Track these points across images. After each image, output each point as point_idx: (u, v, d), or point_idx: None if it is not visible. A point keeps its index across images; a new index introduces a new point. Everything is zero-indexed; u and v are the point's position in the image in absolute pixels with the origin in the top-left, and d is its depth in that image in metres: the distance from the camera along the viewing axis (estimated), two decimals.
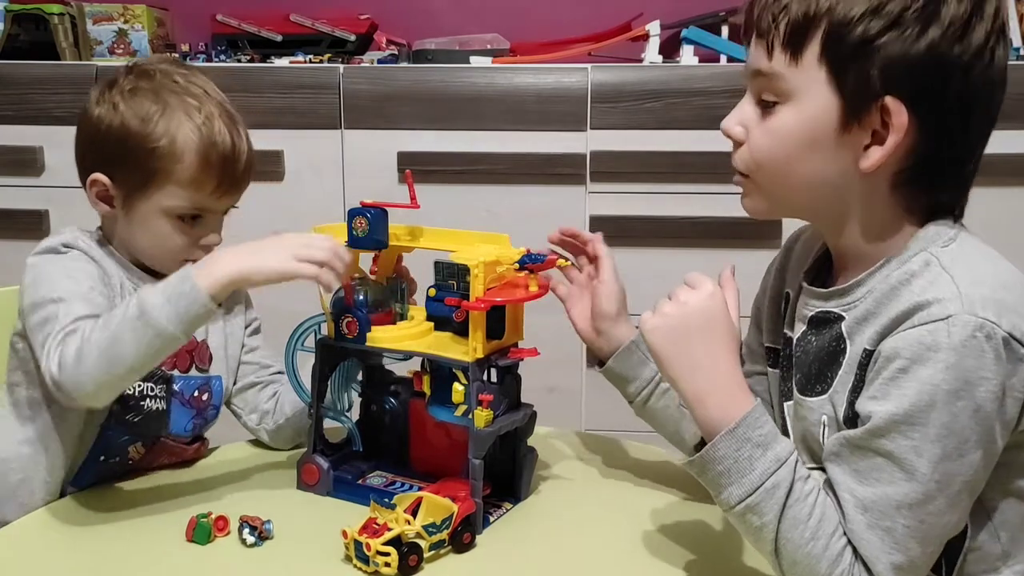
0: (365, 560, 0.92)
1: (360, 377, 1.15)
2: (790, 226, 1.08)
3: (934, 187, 0.88)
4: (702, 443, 0.87)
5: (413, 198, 1.09)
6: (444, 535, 0.95)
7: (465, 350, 1.02)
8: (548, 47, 2.33)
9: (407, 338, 1.08)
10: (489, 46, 2.27)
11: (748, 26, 0.91)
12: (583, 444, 1.26)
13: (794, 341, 0.97)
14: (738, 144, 0.92)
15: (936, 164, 0.86)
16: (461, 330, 1.07)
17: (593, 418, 2.12)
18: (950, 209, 0.90)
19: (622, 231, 2.08)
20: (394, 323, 1.11)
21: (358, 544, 0.92)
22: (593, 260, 1.15)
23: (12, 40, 2.29)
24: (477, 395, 1.01)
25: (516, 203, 2.10)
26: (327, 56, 2.29)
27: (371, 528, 0.94)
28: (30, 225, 2.15)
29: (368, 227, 1.07)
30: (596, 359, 1.16)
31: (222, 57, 2.33)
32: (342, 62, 2.20)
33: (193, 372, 1.18)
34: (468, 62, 2.19)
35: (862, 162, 0.86)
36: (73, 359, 0.97)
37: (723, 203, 1.96)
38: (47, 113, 2.13)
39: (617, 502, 1.10)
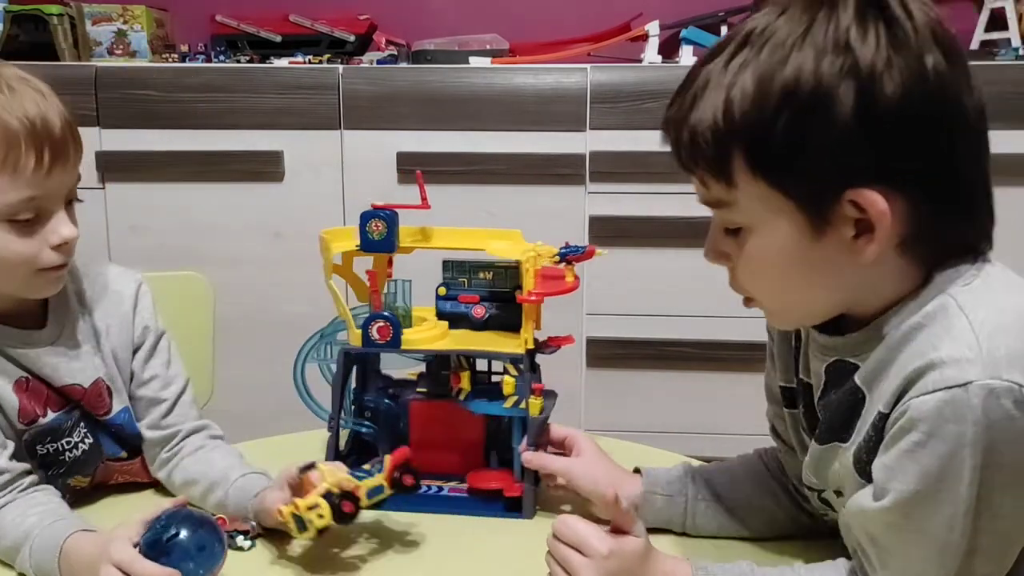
0: (303, 526, 0.90)
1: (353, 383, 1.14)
2: None
3: (952, 230, 0.78)
4: None
5: (424, 198, 1.09)
6: (380, 480, 0.95)
7: (516, 343, 1.05)
8: (547, 47, 2.33)
9: (436, 338, 1.08)
10: (488, 46, 2.27)
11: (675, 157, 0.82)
12: None
13: (815, 393, 0.88)
14: (730, 268, 0.84)
15: (943, 212, 0.76)
16: (479, 326, 1.10)
17: (593, 418, 2.12)
18: (975, 243, 0.80)
19: (621, 231, 2.09)
20: None
21: (296, 517, 0.91)
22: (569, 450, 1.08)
23: (12, 41, 2.29)
24: (531, 384, 1.03)
25: (515, 203, 2.10)
26: (326, 56, 2.29)
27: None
28: None
29: (386, 230, 1.06)
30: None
31: (221, 58, 2.33)
32: (341, 62, 2.20)
33: (114, 411, 1.09)
34: (467, 62, 2.19)
35: (859, 258, 0.76)
36: None
37: None
38: None
39: None
